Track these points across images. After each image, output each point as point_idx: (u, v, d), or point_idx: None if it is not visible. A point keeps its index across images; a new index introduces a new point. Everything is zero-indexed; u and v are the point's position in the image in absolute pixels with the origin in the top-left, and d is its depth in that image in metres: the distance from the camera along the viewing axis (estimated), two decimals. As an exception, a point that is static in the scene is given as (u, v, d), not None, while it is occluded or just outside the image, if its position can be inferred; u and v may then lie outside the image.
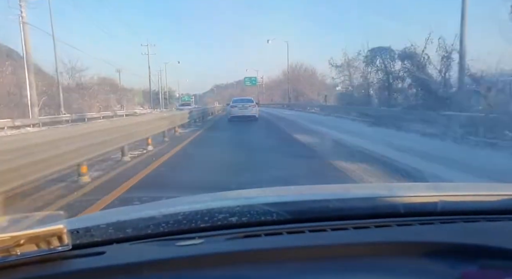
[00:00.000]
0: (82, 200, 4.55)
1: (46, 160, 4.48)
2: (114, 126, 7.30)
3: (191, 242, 0.84)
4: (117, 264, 0.77)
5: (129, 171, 6.39)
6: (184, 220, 0.91)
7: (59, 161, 4.78)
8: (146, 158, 7.90)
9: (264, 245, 0.85)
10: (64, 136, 5.16)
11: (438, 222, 0.97)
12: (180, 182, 5.55)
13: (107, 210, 1.41)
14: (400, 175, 5.66)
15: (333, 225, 0.94)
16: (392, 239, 0.88)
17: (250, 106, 20.48)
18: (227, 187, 3.48)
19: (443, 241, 0.86)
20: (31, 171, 4.16)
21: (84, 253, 0.81)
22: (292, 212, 0.96)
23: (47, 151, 4.54)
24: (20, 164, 3.97)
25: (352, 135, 11.38)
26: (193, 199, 1.24)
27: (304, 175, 5.73)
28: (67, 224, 0.76)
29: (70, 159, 5.09)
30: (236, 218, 0.92)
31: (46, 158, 4.49)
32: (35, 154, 4.26)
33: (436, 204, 1.02)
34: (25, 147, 4.18)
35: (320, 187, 1.54)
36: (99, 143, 6.06)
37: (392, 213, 1.00)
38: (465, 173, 5.88)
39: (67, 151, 4.98)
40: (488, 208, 1.05)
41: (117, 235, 0.88)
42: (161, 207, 1.05)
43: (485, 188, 1.33)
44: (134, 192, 4.87)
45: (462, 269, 0.73)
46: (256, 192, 1.37)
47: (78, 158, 5.32)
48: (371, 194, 1.18)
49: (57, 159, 4.73)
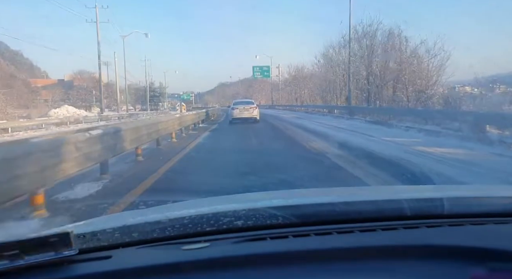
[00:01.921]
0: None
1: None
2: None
3: (197, 246, 0.84)
4: (124, 268, 0.77)
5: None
6: (189, 224, 0.91)
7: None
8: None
9: (270, 249, 0.85)
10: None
11: (446, 225, 0.97)
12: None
13: (113, 214, 1.42)
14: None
15: (339, 228, 0.94)
16: (399, 242, 0.87)
17: (251, 108, 20.48)
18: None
19: (451, 244, 0.85)
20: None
21: (90, 257, 0.81)
22: (298, 215, 0.96)
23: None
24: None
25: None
26: (198, 203, 1.24)
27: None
28: (74, 228, 0.76)
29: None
30: (242, 221, 0.92)
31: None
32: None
33: (443, 206, 1.01)
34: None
35: (326, 190, 1.53)
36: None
37: (398, 216, 0.99)
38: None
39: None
40: (496, 210, 1.04)
41: (123, 239, 0.88)
42: (167, 211, 1.05)
43: (492, 190, 1.32)
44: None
45: (470, 272, 0.72)
46: (261, 195, 1.37)
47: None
48: (377, 197, 1.17)
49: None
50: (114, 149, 6.05)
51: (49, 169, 3.85)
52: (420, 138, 10.73)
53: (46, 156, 3.83)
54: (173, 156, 8.08)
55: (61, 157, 4.14)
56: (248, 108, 20.37)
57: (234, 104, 21.52)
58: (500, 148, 8.49)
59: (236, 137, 12.99)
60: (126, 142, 6.68)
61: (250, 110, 20.27)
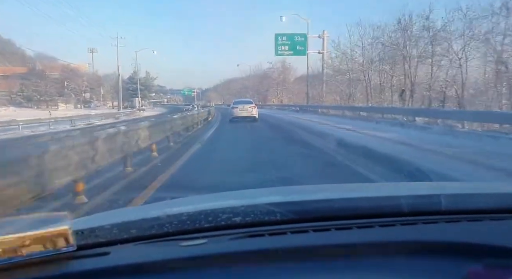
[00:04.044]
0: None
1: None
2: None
3: (195, 242, 0.85)
4: (122, 265, 0.77)
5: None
6: (188, 220, 0.91)
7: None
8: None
9: (268, 245, 0.85)
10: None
11: (443, 221, 0.97)
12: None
13: (112, 211, 1.42)
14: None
15: (337, 224, 0.94)
16: (396, 238, 0.88)
17: (250, 107, 21.65)
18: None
19: (448, 240, 0.86)
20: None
21: (89, 254, 0.81)
22: (296, 211, 0.96)
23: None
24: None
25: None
26: (196, 199, 1.24)
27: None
28: (72, 225, 0.76)
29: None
30: (240, 218, 0.92)
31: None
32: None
33: (440, 203, 1.02)
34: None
35: (324, 187, 1.54)
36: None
37: (396, 212, 1.00)
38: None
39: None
40: (492, 207, 1.05)
41: (122, 235, 0.88)
42: (165, 207, 1.05)
43: (489, 187, 1.33)
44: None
45: (467, 268, 0.73)
46: (259, 191, 1.38)
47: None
48: (375, 193, 1.18)
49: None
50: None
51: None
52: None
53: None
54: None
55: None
56: (247, 108, 21.56)
57: (234, 104, 22.80)
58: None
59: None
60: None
61: (249, 109, 21.44)
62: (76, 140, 4.64)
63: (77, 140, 4.65)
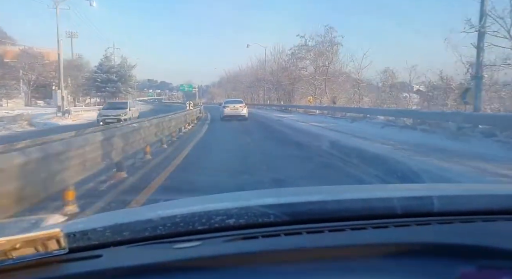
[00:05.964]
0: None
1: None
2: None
3: (188, 245, 0.84)
4: (114, 267, 0.76)
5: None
6: (181, 223, 0.91)
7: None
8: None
9: (261, 247, 0.85)
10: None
11: (435, 223, 0.98)
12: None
13: (104, 213, 1.40)
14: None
15: (331, 226, 0.94)
16: (389, 240, 0.88)
17: (240, 106, 22.98)
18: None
19: (441, 241, 0.86)
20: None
21: (81, 257, 0.80)
22: (290, 213, 0.96)
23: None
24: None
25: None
26: (190, 201, 1.23)
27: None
28: (64, 227, 0.76)
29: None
30: (234, 220, 0.92)
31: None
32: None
33: (433, 204, 1.02)
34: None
35: (318, 189, 1.54)
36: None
37: (389, 214, 1.00)
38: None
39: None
40: (484, 208, 1.05)
41: (114, 238, 0.87)
42: (158, 209, 1.04)
43: (481, 189, 1.34)
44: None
45: (460, 269, 0.73)
46: (253, 193, 1.37)
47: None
48: (368, 195, 1.18)
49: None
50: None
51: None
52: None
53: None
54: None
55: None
56: (238, 107, 22.96)
57: (225, 103, 24.17)
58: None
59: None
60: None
61: (239, 108, 22.87)
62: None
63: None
